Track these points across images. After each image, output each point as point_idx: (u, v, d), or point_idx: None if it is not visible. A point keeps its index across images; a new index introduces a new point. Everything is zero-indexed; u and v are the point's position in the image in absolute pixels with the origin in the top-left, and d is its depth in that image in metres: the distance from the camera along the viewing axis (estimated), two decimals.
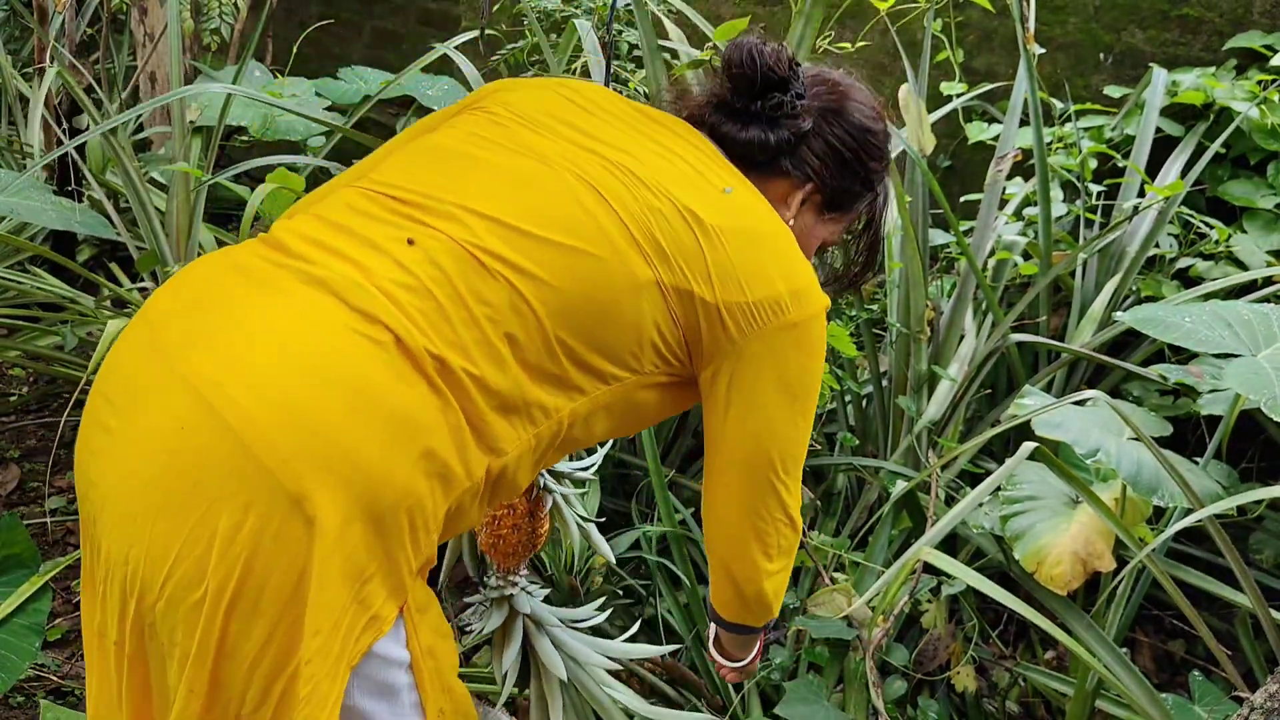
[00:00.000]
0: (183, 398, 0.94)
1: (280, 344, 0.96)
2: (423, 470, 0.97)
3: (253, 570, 0.91)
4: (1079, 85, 3.02)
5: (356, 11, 4.58)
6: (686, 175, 1.13)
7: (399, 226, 1.05)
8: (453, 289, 1.00)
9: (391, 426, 0.95)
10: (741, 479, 1.20)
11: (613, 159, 1.11)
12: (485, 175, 1.09)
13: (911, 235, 2.18)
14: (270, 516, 0.91)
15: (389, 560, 0.98)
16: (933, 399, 2.34)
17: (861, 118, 1.27)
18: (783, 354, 1.13)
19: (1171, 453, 1.81)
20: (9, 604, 1.82)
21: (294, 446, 0.91)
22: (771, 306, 1.11)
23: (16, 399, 2.95)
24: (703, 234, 1.09)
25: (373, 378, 0.95)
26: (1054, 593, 1.80)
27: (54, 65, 2.97)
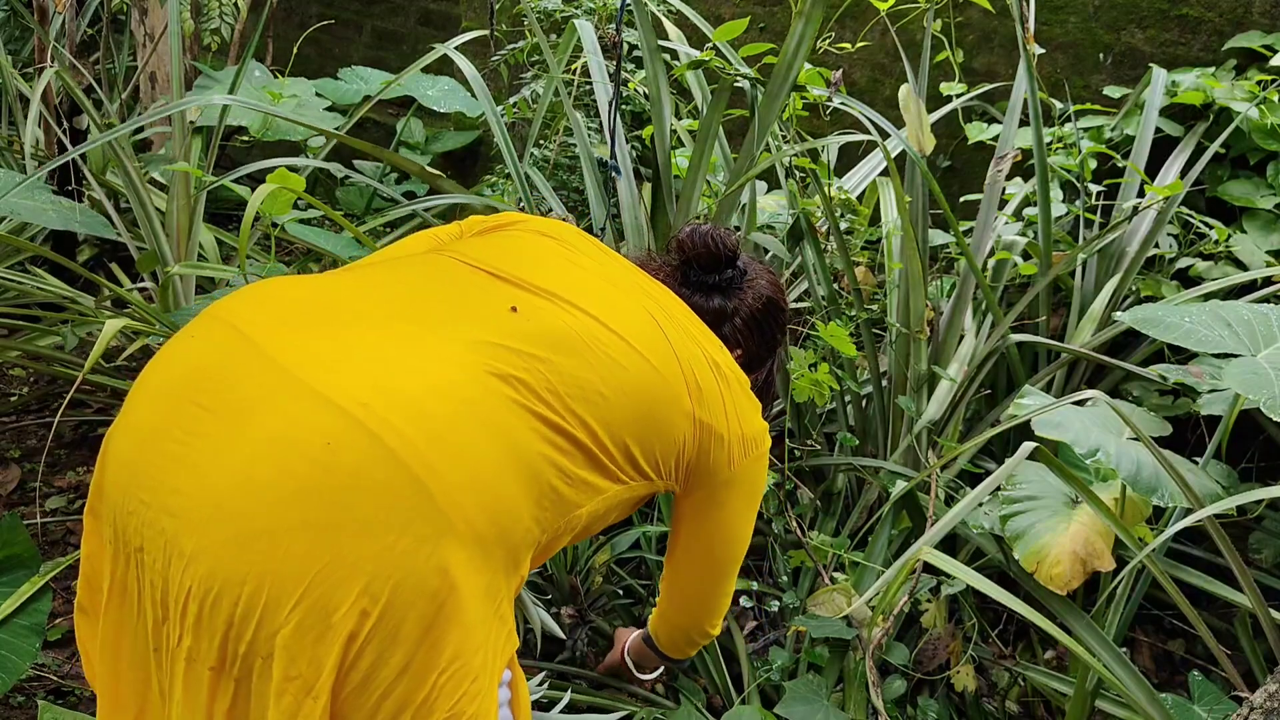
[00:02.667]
0: (326, 413, 0.92)
1: (423, 380, 0.98)
2: (536, 517, 1.05)
3: (398, 597, 0.89)
4: (1078, 85, 3.02)
5: (356, 11, 4.58)
6: (700, 327, 1.33)
7: (503, 296, 1.13)
8: (563, 360, 1.09)
9: (524, 471, 1.02)
10: (710, 572, 1.49)
11: (659, 305, 1.28)
12: (572, 276, 1.22)
13: (911, 235, 2.18)
14: (425, 539, 0.90)
15: (512, 581, 1.03)
16: (932, 399, 2.34)
17: (781, 301, 1.53)
18: (756, 475, 1.39)
19: (1171, 453, 1.81)
20: (9, 604, 1.82)
21: (456, 475, 0.94)
22: (756, 439, 1.35)
23: (16, 399, 2.95)
24: (722, 380, 1.28)
25: (507, 426, 1.01)
26: (1054, 593, 1.80)
27: (54, 65, 2.97)
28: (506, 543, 1.00)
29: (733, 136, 2.99)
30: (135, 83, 3.65)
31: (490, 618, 0.99)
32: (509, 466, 1.00)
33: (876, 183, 2.71)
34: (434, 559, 0.91)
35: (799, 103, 2.34)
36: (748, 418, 1.33)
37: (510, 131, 2.83)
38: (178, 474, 0.93)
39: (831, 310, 2.36)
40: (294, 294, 1.09)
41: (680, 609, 1.59)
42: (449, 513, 0.93)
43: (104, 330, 2.11)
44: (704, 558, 1.47)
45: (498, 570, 0.99)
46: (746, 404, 1.33)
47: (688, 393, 1.22)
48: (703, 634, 1.62)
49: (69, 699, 2.02)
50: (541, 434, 1.05)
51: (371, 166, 3.90)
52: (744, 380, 1.34)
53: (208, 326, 1.04)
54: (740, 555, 1.49)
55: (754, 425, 1.35)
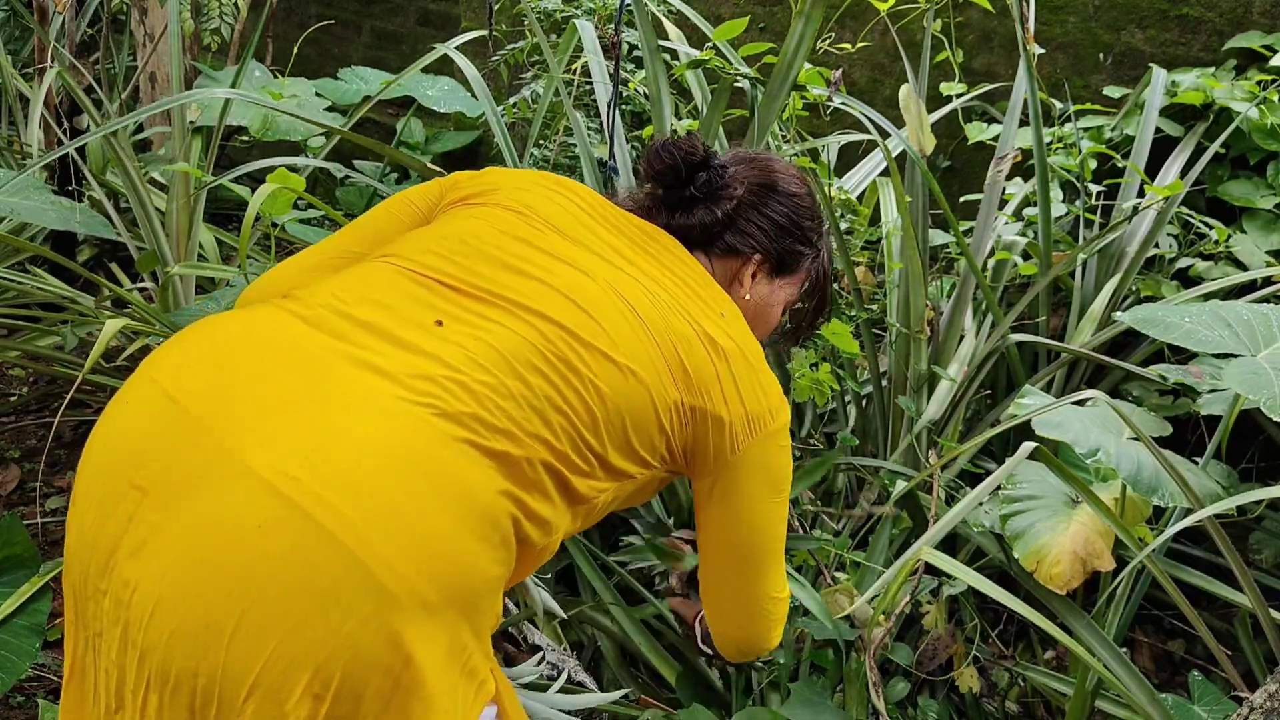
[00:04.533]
0: (255, 492, 0.88)
1: (358, 438, 0.92)
2: (499, 559, 0.99)
3: (352, 678, 0.86)
4: (1078, 85, 3.02)
5: (356, 11, 4.58)
6: (693, 298, 1.22)
7: (459, 318, 1.05)
8: (521, 383, 1.02)
9: (480, 520, 0.95)
10: (739, 571, 1.33)
11: (640, 280, 1.18)
12: (538, 278, 1.12)
13: (911, 235, 2.18)
14: (369, 619, 0.87)
15: (478, 634, 0.99)
16: (932, 399, 2.34)
17: (786, 184, 1.39)
18: (771, 456, 1.25)
19: (1171, 453, 1.81)
20: (9, 604, 1.82)
21: (394, 547, 0.89)
22: (764, 415, 1.22)
23: (16, 399, 2.95)
24: (717, 356, 1.17)
25: (458, 475, 0.95)
26: (1054, 592, 1.80)
27: (54, 65, 2.97)
28: (463, 599, 0.94)
29: (733, 136, 3.00)
30: (135, 83, 3.65)
31: (456, 680, 0.95)
32: (459, 521, 0.93)
33: (876, 183, 2.71)
34: (382, 635, 0.87)
35: (799, 102, 2.34)
36: (752, 393, 1.21)
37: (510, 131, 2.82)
38: (126, 564, 0.90)
39: (832, 309, 2.36)
40: (225, 341, 1.02)
41: (716, 613, 1.40)
42: (391, 587, 0.87)
43: (104, 330, 2.11)
44: (727, 552, 1.32)
45: (458, 628, 0.94)
46: (751, 378, 1.21)
47: (671, 379, 1.13)
48: (752, 645, 1.41)
49: None
50: (499, 471, 0.98)
51: (371, 166, 3.90)
52: (751, 351, 1.22)
53: (142, 392, 0.99)
54: (769, 550, 1.32)
55: (760, 401, 1.22)
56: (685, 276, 1.24)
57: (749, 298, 1.36)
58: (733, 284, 1.36)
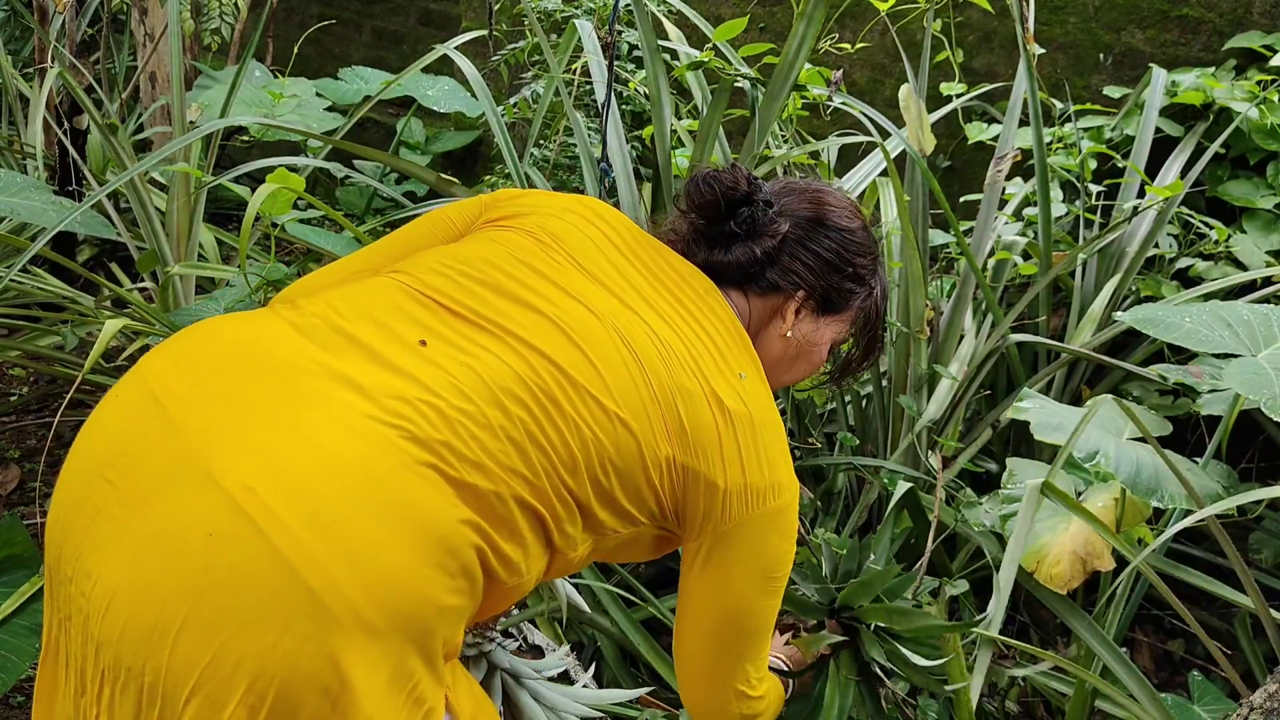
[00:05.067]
0: (211, 499, 0.88)
1: (321, 454, 0.91)
2: (457, 589, 0.95)
3: (288, 693, 0.86)
4: (1078, 85, 3.02)
5: (356, 11, 4.58)
6: (711, 354, 1.14)
7: (450, 341, 1.03)
8: (501, 413, 0.99)
9: (436, 550, 0.92)
10: (712, 649, 1.24)
11: (653, 325, 1.12)
12: (540, 310, 1.08)
13: (911, 235, 2.18)
14: (309, 638, 0.86)
15: (432, 657, 0.96)
16: (933, 399, 2.34)
17: (837, 218, 1.30)
18: (767, 538, 1.17)
19: (1171, 453, 1.81)
20: (9, 604, 1.82)
21: (340, 568, 0.87)
22: (765, 491, 1.14)
23: (16, 399, 2.95)
24: (722, 419, 1.10)
25: (417, 500, 0.92)
26: (1054, 592, 1.80)
27: (54, 65, 2.97)
28: (412, 626, 0.91)
29: (733, 136, 3.00)
30: (135, 83, 3.65)
31: (399, 707, 0.92)
32: (411, 546, 0.91)
33: (876, 183, 2.71)
34: (320, 655, 0.86)
35: (799, 102, 2.34)
36: (755, 464, 1.13)
37: (510, 131, 2.83)
38: (90, 556, 0.92)
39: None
40: (216, 343, 1.02)
41: (684, 679, 1.31)
42: (334, 609, 0.86)
43: (104, 330, 2.11)
44: (703, 625, 1.22)
45: (404, 654, 0.92)
46: (757, 448, 1.13)
47: (665, 434, 1.07)
48: (721, 715, 1.31)
49: None
50: (464, 501, 0.95)
51: (371, 166, 3.90)
52: (763, 420, 1.14)
53: (130, 388, 1.00)
54: (749, 638, 1.23)
55: (763, 474, 1.13)
56: (710, 329, 1.17)
57: (789, 335, 1.28)
58: (773, 320, 1.29)
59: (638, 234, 1.24)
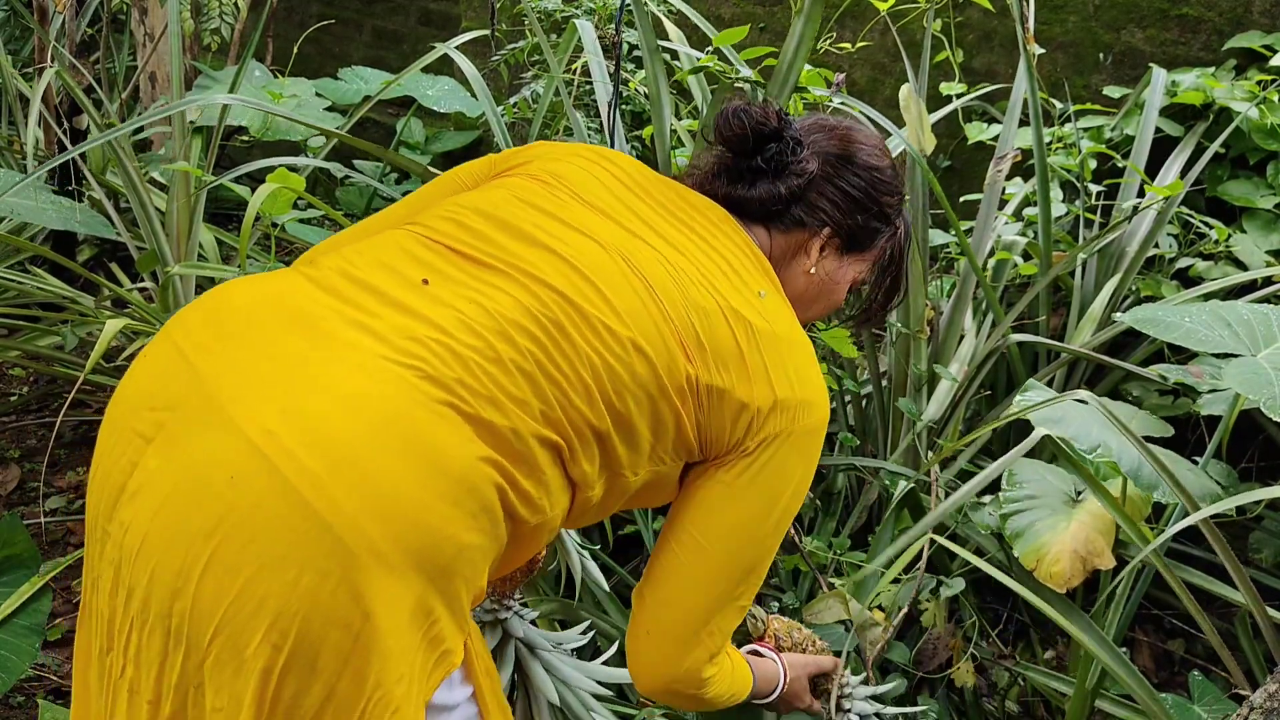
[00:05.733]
0: (233, 443, 0.90)
1: (337, 396, 0.93)
2: (478, 527, 0.96)
3: (310, 630, 0.88)
4: (1078, 85, 3.02)
5: (357, 11, 4.58)
6: (726, 274, 1.13)
7: (458, 281, 1.03)
8: (510, 346, 0.99)
9: (455, 488, 0.93)
10: (704, 590, 1.16)
11: (663, 251, 1.11)
12: (544, 245, 1.07)
13: (912, 235, 2.18)
14: (328, 574, 0.88)
15: (453, 599, 0.97)
16: (933, 399, 2.34)
17: (866, 156, 1.28)
18: (789, 460, 1.13)
19: (1169, 452, 1.81)
20: (9, 604, 1.82)
21: (356, 504, 0.89)
22: (796, 407, 1.11)
23: (16, 399, 2.95)
24: (743, 334, 1.09)
25: (434, 438, 0.93)
26: (1054, 591, 1.80)
27: (54, 65, 2.97)
28: (431, 563, 0.93)
29: None
30: (135, 83, 3.65)
31: (416, 645, 0.94)
32: (428, 483, 0.92)
33: None
34: (341, 592, 0.88)
35: (799, 103, 2.34)
36: (784, 379, 1.10)
37: (510, 131, 2.83)
38: (125, 507, 0.94)
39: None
40: (241, 302, 1.04)
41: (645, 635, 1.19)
42: (352, 546, 0.88)
43: (104, 330, 2.11)
44: (694, 560, 1.15)
45: (425, 593, 0.93)
46: (785, 363, 1.10)
47: (684, 354, 1.06)
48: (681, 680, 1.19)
49: (69, 699, 2.02)
50: (482, 438, 0.96)
51: (371, 166, 3.90)
52: (788, 336, 1.13)
53: (158, 346, 1.02)
54: (741, 575, 1.16)
55: (793, 389, 1.10)
56: (725, 252, 1.16)
57: (813, 272, 1.27)
58: (796, 256, 1.27)
59: (648, 173, 1.23)
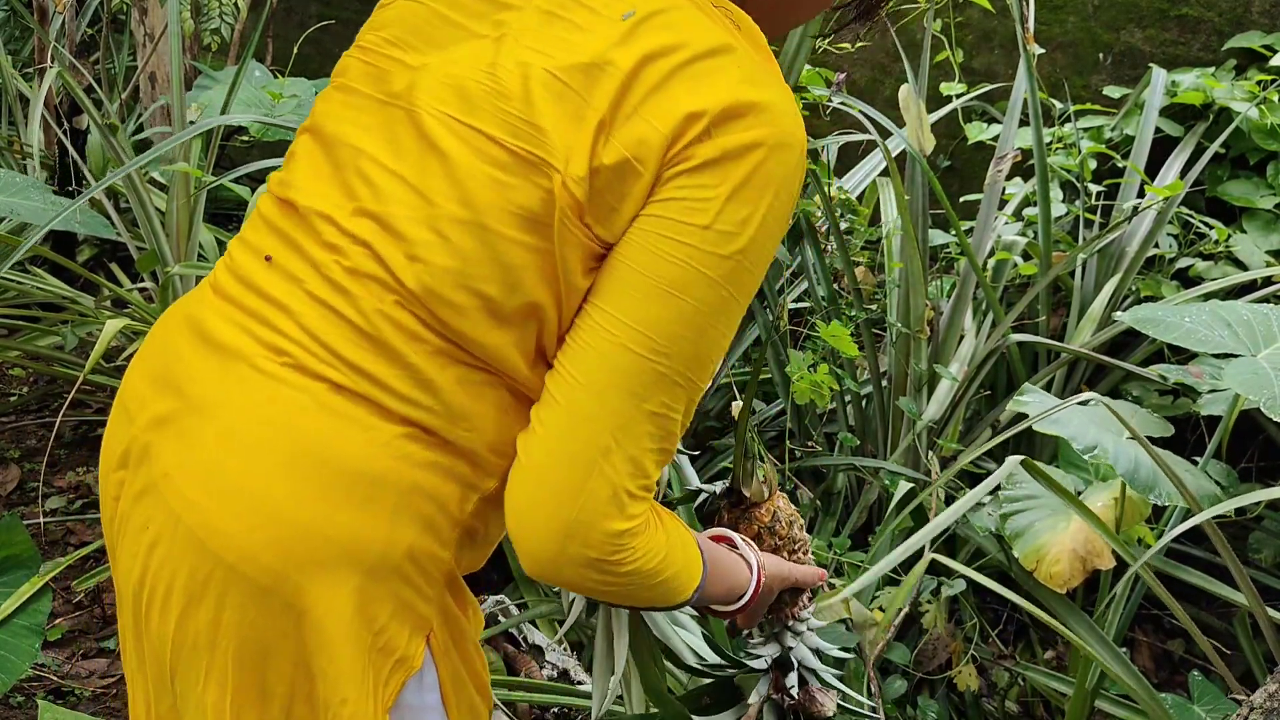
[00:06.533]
0: (152, 505, 0.90)
1: (223, 424, 0.87)
2: (406, 519, 0.88)
3: (244, 662, 0.87)
4: (1078, 85, 3.02)
5: (356, 11, 4.58)
6: (575, 26, 0.88)
7: (293, 245, 0.92)
8: (357, 310, 0.88)
9: (354, 485, 0.86)
10: (609, 365, 0.85)
11: (482, 63, 0.89)
12: (358, 168, 0.91)
13: (911, 235, 2.18)
14: (245, 608, 0.86)
15: (399, 603, 0.90)
16: (933, 399, 2.34)
17: None
18: (713, 198, 0.83)
19: (1169, 453, 1.81)
20: (9, 604, 1.82)
21: (259, 539, 0.85)
22: (685, 131, 0.83)
23: (16, 399, 2.95)
24: (589, 85, 0.85)
25: (321, 439, 0.86)
26: (1053, 592, 1.80)
27: (54, 65, 2.98)
28: (360, 567, 0.86)
29: None
30: (135, 83, 3.65)
31: (362, 659, 0.88)
32: (326, 498, 0.85)
33: (876, 182, 2.71)
34: (261, 623, 0.86)
35: (799, 104, 2.34)
36: (668, 106, 0.83)
37: None
38: None
39: (831, 310, 2.36)
40: (161, 338, 0.97)
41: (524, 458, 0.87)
42: (256, 578, 0.85)
43: (104, 330, 2.11)
44: (594, 337, 0.86)
45: (363, 604, 0.87)
46: (670, 84, 0.84)
47: (529, 174, 0.84)
48: (580, 537, 0.85)
49: (69, 699, 2.02)
50: (380, 418, 0.86)
51: None
52: (673, 46, 0.85)
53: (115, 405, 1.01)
54: (670, 356, 0.85)
55: (686, 106, 0.83)
56: None
57: None
58: None
59: None
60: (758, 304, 2.40)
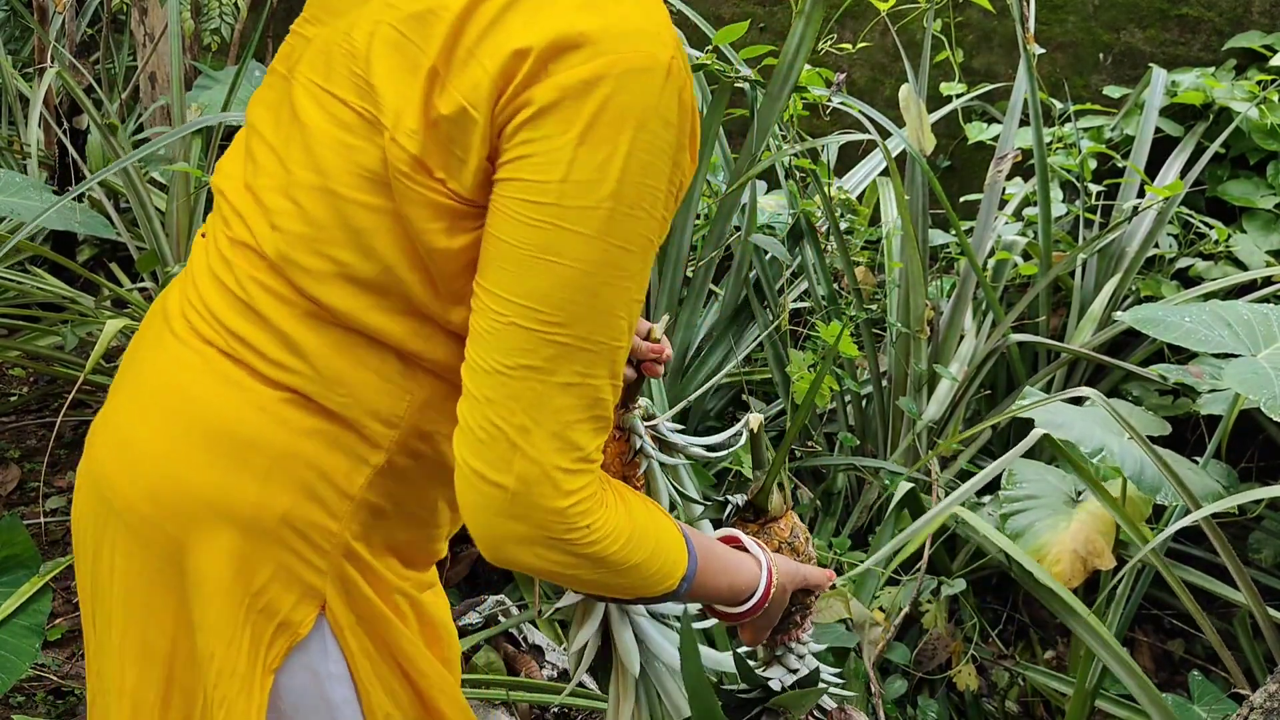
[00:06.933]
0: (82, 461, 0.98)
1: (135, 384, 0.96)
2: (281, 482, 0.88)
3: (132, 611, 0.93)
4: (1078, 85, 3.02)
5: None
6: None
7: (216, 223, 0.96)
8: (238, 284, 0.91)
9: (227, 447, 0.88)
10: (495, 329, 0.81)
11: (345, 25, 0.89)
12: (249, 145, 0.95)
13: (911, 235, 2.18)
14: (131, 556, 0.91)
15: (279, 566, 0.89)
16: (933, 399, 2.34)
17: None
18: (562, 146, 0.77)
19: (1171, 452, 1.82)
20: (9, 604, 1.82)
21: (139, 489, 0.90)
22: (514, 71, 0.78)
23: (16, 399, 2.95)
24: (423, 34, 0.82)
25: (202, 400, 0.90)
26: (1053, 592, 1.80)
27: (54, 65, 2.97)
28: (234, 525, 0.88)
29: (733, 136, 3.00)
30: (135, 83, 3.65)
31: (239, 617, 0.89)
32: (213, 463, 0.88)
33: (876, 182, 2.71)
34: (146, 573, 0.92)
35: (799, 103, 2.34)
36: (501, 39, 0.79)
37: None
38: None
39: (831, 310, 2.36)
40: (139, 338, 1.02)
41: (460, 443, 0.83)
42: (137, 527, 0.92)
43: (104, 330, 2.11)
44: (479, 302, 0.82)
45: (231, 561, 0.88)
46: (504, 17, 0.80)
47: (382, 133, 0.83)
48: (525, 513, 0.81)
49: (69, 699, 2.02)
50: (262, 383, 0.88)
51: None
52: None
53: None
54: (554, 321, 0.79)
55: (520, 40, 0.78)
56: None
57: None
58: None
59: None
60: (758, 304, 2.40)
